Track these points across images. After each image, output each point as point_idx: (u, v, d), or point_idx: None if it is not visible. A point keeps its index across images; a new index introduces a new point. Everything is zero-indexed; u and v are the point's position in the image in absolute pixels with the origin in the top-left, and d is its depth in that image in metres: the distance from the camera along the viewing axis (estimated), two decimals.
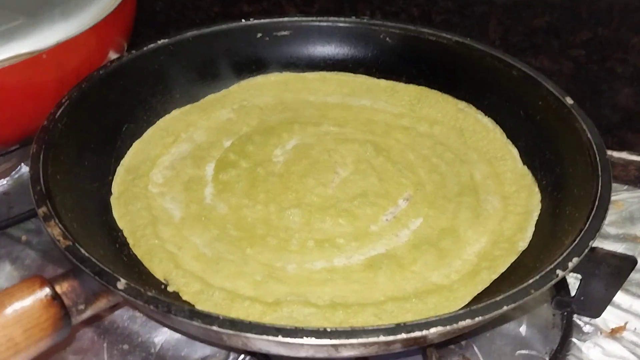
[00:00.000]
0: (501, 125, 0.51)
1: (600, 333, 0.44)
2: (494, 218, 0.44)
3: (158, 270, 0.38)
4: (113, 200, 0.43)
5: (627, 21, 0.76)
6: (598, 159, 0.40)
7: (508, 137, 0.50)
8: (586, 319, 0.45)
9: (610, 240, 0.52)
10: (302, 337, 0.28)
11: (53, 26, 0.44)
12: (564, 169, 0.44)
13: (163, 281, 0.38)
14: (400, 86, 0.57)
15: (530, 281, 0.32)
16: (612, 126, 0.83)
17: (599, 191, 0.37)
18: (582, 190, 0.40)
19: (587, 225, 0.35)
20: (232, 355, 0.42)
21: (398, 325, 0.29)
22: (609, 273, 0.42)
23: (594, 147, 0.42)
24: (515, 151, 0.49)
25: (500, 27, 0.82)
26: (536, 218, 0.42)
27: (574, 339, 0.44)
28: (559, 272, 0.32)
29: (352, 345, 0.28)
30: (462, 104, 0.54)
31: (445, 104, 0.54)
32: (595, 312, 0.44)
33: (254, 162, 0.47)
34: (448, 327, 0.29)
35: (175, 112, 0.52)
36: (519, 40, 0.82)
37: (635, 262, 0.43)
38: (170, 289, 0.37)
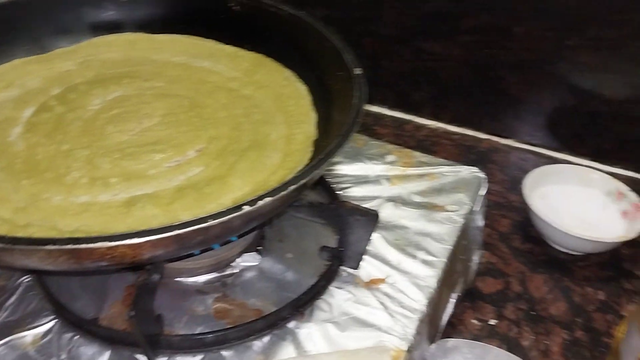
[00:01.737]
0: (312, 93, 0.55)
1: (357, 283, 0.48)
2: (266, 171, 0.47)
3: None
4: None
5: (508, 10, 0.79)
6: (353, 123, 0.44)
7: (314, 103, 0.54)
8: (351, 270, 0.49)
9: (410, 207, 0.56)
10: None
11: None
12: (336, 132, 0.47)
13: None
14: (242, 52, 0.61)
15: (214, 213, 0.36)
16: (499, 113, 0.87)
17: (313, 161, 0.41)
18: None
19: (293, 175, 0.39)
20: (15, 276, 0.47)
21: (71, 238, 0.33)
22: (358, 226, 0.46)
23: (355, 113, 0.46)
24: (314, 116, 0.53)
25: (393, 10, 0.86)
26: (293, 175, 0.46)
27: (331, 286, 0.48)
28: (245, 208, 0.36)
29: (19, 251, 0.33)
30: (288, 72, 0.58)
31: (275, 71, 0.58)
32: (354, 264, 0.48)
33: (69, 108, 0.52)
34: (108, 243, 0.33)
35: (16, 61, 0.56)
36: (412, 25, 0.86)
37: (377, 216, 0.47)
38: None
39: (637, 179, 0.77)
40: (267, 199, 0.37)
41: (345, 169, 0.59)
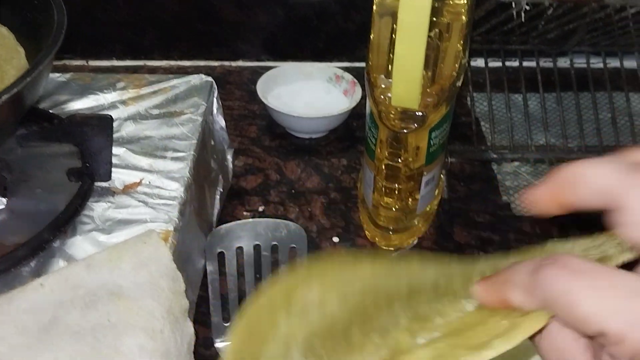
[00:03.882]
0: (16, 31, 0.54)
1: (114, 192, 0.50)
2: None
3: None
4: None
5: None
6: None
7: (20, 39, 0.53)
8: (104, 184, 0.51)
9: (149, 119, 0.58)
10: None
11: None
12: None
13: None
14: None
15: None
16: (224, 40, 0.92)
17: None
18: None
19: None
20: None
21: None
22: (96, 133, 0.47)
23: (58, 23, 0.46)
24: (22, 50, 0.52)
25: None
26: None
27: (89, 202, 0.49)
28: None
29: None
30: None
31: None
32: (106, 176, 0.50)
33: None
34: None
35: None
36: None
37: (111, 119, 0.48)
38: None
39: (349, 67, 0.88)
40: None
41: (76, 105, 0.59)
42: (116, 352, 0.37)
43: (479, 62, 0.84)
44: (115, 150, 0.53)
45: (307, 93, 0.81)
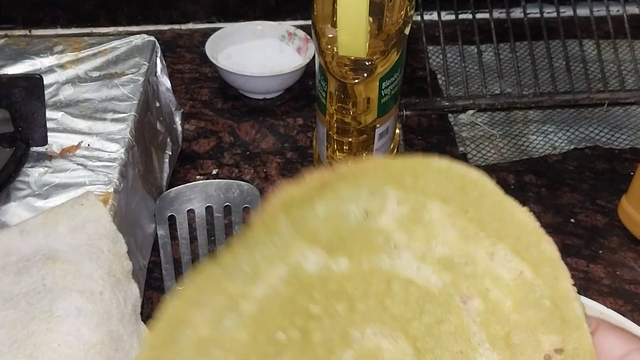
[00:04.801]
0: None
1: (51, 156, 0.48)
2: None
3: None
4: None
5: None
6: None
7: None
8: (41, 149, 0.48)
9: (89, 82, 0.56)
10: None
11: None
12: None
13: None
14: None
15: None
16: (171, 2, 0.88)
17: None
18: None
19: None
20: None
21: None
22: (26, 95, 0.45)
23: None
24: None
25: None
26: None
27: (24, 168, 0.47)
28: None
29: None
30: None
31: None
32: (41, 141, 0.48)
33: None
34: None
35: None
36: None
37: (41, 78, 0.46)
38: None
39: (303, 25, 0.86)
40: None
41: (10, 70, 0.56)
42: (51, 316, 0.35)
43: (433, 16, 0.83)
44: (53, 114, 0.51)
45: (259, 52, 0.79)
